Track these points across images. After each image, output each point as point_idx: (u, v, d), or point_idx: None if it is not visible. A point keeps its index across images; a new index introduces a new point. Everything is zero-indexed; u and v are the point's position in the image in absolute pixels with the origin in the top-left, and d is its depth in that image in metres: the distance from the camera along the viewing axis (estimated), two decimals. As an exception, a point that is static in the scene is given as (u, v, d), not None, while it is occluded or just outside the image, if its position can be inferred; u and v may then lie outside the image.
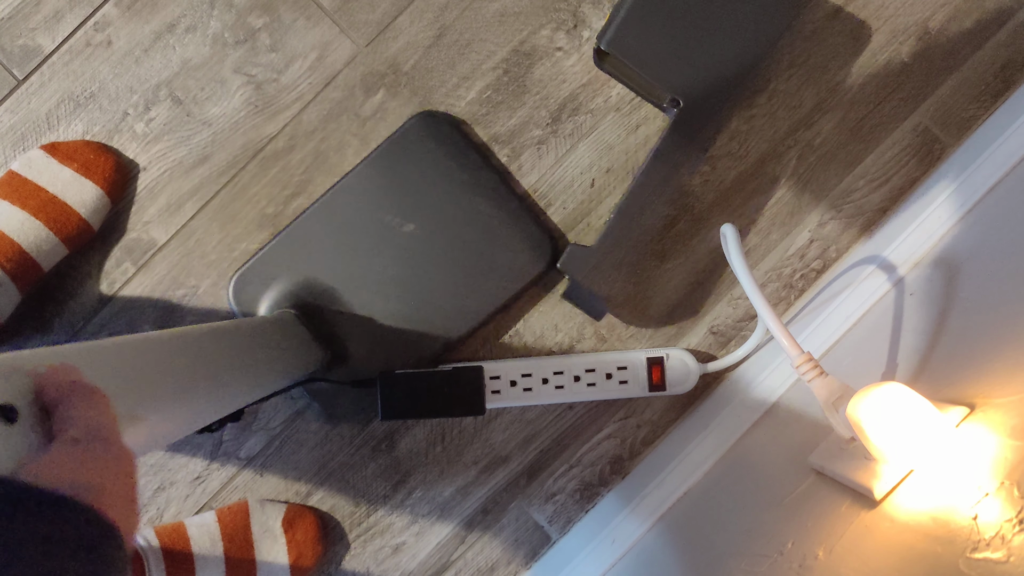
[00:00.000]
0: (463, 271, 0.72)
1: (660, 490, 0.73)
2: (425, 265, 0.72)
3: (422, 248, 0.72)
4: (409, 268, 0.72)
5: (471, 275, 0.72)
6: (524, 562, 0.77)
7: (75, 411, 0.32)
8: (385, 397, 0.71)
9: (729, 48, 0.68)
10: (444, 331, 0.72)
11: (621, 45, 0.68)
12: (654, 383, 0.72)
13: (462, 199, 0.72)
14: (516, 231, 0.72)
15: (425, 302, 0.72)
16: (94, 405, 0.33)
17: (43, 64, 0.74)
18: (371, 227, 0.72)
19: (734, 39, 0.67)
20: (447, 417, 0.74)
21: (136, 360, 0.43)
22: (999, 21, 0.75)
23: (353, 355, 0.71)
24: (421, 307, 0.72)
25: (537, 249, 0.72)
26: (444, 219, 0.72)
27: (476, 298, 0.72)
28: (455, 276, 0.72)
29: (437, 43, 0.75)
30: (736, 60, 0.68)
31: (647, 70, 0.68)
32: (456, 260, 0.72)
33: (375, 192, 0.72)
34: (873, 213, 0.76)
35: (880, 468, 0.49)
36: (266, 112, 0.75)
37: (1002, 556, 0.35)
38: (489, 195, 0.72)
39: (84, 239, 0.72)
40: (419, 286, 0.72)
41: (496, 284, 0.72)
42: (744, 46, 0.68)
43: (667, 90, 0.68)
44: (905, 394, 0.48)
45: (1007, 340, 0.51)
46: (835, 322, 0.73)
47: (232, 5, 0.74)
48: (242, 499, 0.75)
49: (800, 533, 0.51)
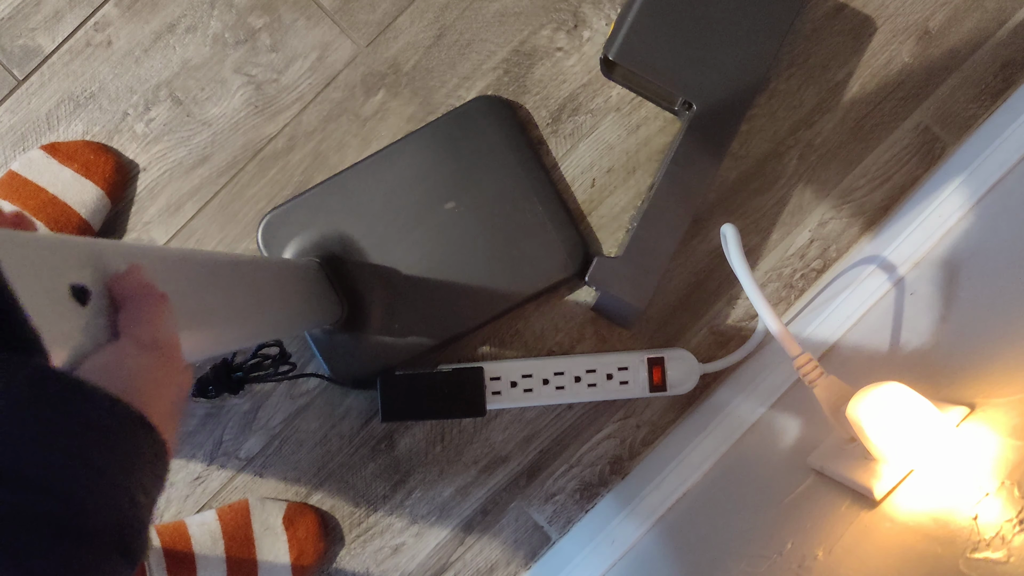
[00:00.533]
0: (492, 259, 0.71)
1: (660, 490, 0.73)
2: (457, 245, 0.71)
3: (458, 227, 0.71)
4: (440, 244, 0.71)
5: (499, 264, 0.71)
6: (524, 562, 0.77)
7: (143, 313, 0.32)
8: (386, 399, 0.71)
9: (737, 47, 0.67)
10: (460, 315, 0.72)
11: (630, 54, 0.68)
12: (655, 383, 0.72)
13: (507, 187, 0.71)
14: (553, 231, 0.71)
15: (449, 281, 0.71)
16: (161, 312, 0.33)
17: (43, 64, 0.74)
18: (413, 196, 0.71)
19: (740, 38, 0.67)
20: (448, 418, 0.74)
21: (195, 272, 0.43)
22: (999, 21, 0.75)
23: (368, 317, 0.70)
24: (443, 285, 0.71)
25: (570, 253, 0.72)
26: (485, 203, 0.71)
27: (499, 289, 0.71)
28: (483, 262, 0.71)
29: (437, 43, 0.75)
30: (745, 58, 0.68)
31: (659, 76, 0.68)
32: (488, 246, 0.71)
33: (424, 162, 0.71)
34: (873, 213, 0.76)
35: (880, 468, 0.49)
36: (266, 112, 0.75)
37: (1002, 556, 0.35)
38: (534, 189, 0.71)
39: (84, 239, 0.72)
40: (446, 264, 0.71)
41: (521, 279, 0.71)
42: (752, 44, 0.68)
43: (681, 94, 0.68)
44: (905, 394, 0.48)
45: (1007, 340, 0.51)
46: (835, 322, 0.73)
47: (232, 5, 0.74)
48: (242, 498, 0.75)
49: (800, 533, 0.51)
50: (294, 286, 0.63)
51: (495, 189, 0.71)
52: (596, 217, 0.75)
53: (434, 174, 0.71)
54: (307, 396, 0.75)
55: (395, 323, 0.71)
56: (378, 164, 0.71)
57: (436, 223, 0.71)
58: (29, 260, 0.28)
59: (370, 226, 0.71)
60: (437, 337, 0.72)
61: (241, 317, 0.49)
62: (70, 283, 0.29)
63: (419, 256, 0.71)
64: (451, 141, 0.71)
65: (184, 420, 0.75)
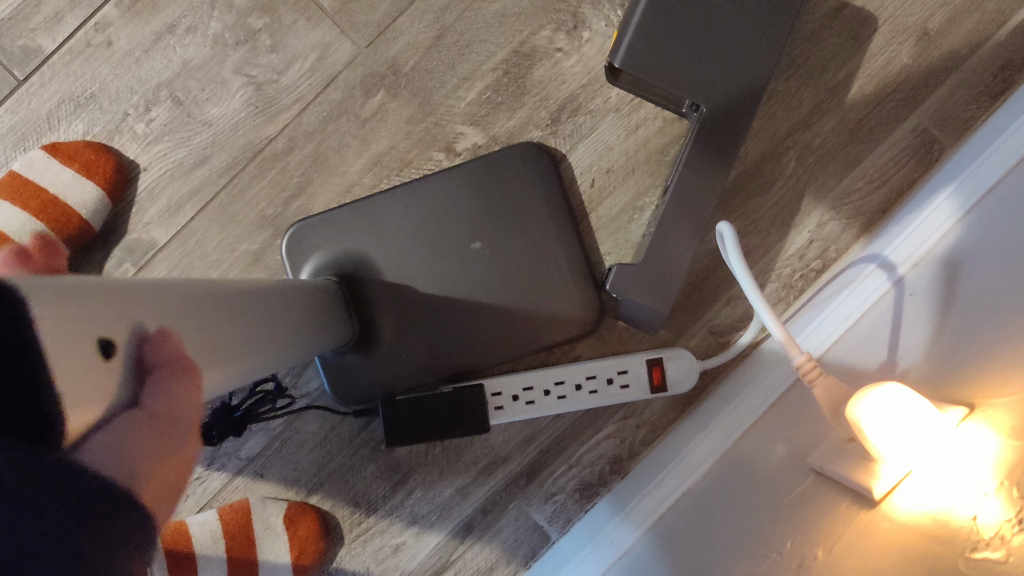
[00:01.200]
0: (509, 305, 0.72)
1: (659, 490, 0.73)
2: (476, 285, 0.72)
3: (480, 268, 0.71)
4: (460, 282, 0.71)
5: (515, 312, 0.72)
6: (524, 562, 0.77)
7: (172, 388, 0.30)
8: (389, 424, 0.71)
9: (741, 47, 0.67)
10: (469, 354, 0.72)
11: (636, 60, 0.68)
12: (655, 385, 0.72)
13: (535, 237, 0.71)
14: (573, 288, 0.72)
15: (462, 319, 0.72)
16: (191, 390, 0.31)
17: (43, 64, 0.74)
18: (441, 229, 0.71)
19: (744, 37, 0.67)
20: (453, 438, 0.75)
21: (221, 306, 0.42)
22: (999, 21, 0.75)
23: (378, 342, 0.71)
24: (456, 322, 0.72)
25: (586, 313, 0.72)
26: (511, 249, 0.71)
27: (510, 336, 0.72)
28: (499, 307, 0.72)
29: (437, 44, 0.75)
30: (751, 57, 0.67)
31: (666, 80, 0.68)
32: (506, 292, 0.72)
33: (458, 199, 0.72)
34: (872, 213, 0.76)
35: (879, 468, 0.49)
36: (266, 113, 0.75)
37: (1002, 556, 0.35)
38: (561, 244, 0.72)
39: (85, 240, 0.72)
40: (462, 302, 0.72)
41: (535, 330, 0.72)
42: (756, 41, 0.67)
43: (688, 96, 0.68)
44: (905, 394, 0.48)
45: (1007, 340, 0.51)
46: (834, 322, 0.73)
47: (232, 6, 0.74)
48: (243, 498, 0.75)
49: (799, 533, 0.51)
50: (313, 310, 0.63)
51: (523, 237, 0.71)
52: (595, 217, 0.75)
53: (465, 212, 0.72)
54: (307, 398, 0.75)
55: (403, 352, 0.71)
56: (412, 192, 0.72)
57: (459, 260, 0.71)
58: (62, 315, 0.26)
59: (394, 252, 0.71)
60: (441, 372, 0.72)
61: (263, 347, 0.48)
62: (99, 336, 0.28)
63: (437, 290, 0.71)
64: (487, 182, 0.72)
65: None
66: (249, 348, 0.46)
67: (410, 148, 0.75)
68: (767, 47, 0.67)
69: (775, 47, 0.67)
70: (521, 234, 0.72)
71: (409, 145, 0.75)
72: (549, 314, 0.72)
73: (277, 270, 0.75)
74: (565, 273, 0.72)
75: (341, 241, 0.72)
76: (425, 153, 0.75)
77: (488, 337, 0.72)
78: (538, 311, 0.72)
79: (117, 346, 0.29)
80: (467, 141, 0.75)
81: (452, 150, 0.75)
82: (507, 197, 0.72)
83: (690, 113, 0.71)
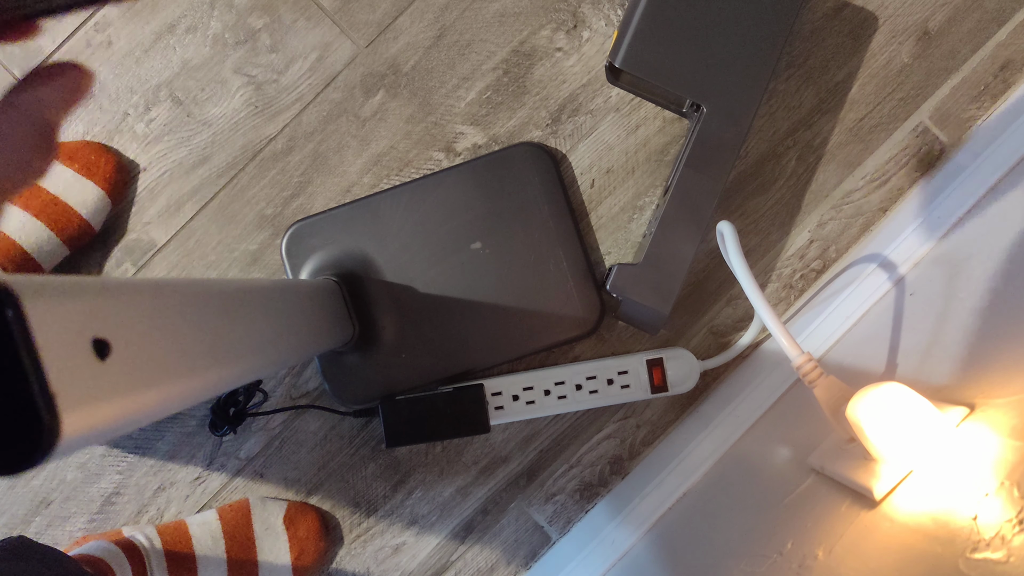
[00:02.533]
0: (509, 305, 0.72)
1: (659, 490, 0.73)
2: (477, 285, 0.71)
3: (480, 269, 0.71)
4: (460, 282, 0.71)
5: (515, 312, 0.72)
6: (524, 562, 0.77)
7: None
8: (389, 425, 0.71)
9: (742, 46, 0.67)
10: (468, 354, 0.72)
11: (635, 61, 0.68)
12: (656, 385, 0.72)
13: (536, 238, 0.71)
14: (574, 287, 0.72)
15: (463, 320, 0.71)
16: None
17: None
18: (442, 229, 0.71)
19: (745, 36, 0.67)
20: (453, 438, 0.75)
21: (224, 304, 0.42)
22: (999, 21, 0.75)
23: (378, 342, 0.71)
24: (456, 322, 0.72)
25: (587, 313, 0.72)
26: (511, 248, 0.71)
27: (510, 336, 0.72)
28: (500, 307, 0.72)
29: (437, 44, 0.75)
30: (751, 56, 0.67)
31: (666, 81, 0.68)
32: (507, 292, 0.72)
33: (459, 198, 0.71)
34: (873, 213, 0.76)
35: (880, 468, 0.49)
36: (266, 113, 0.75)
37: (1002, 556, 0.35)
38: (562, 244, 0.72)
39: (85, 239, 0.72)
40: (463, 302, 0.72)
41: (535, 331, 0.72)
42: (757, 40, 0.67)
43: (689, 96, 0.68)
44: (905, 394, 0.48)
45: (1007, 340, 0.51)
46: (835, 322, 0.73)
47: (232, 6, 0.74)
48: (243, 498, 0.75)
49: (800, 533, 0.51)
50: (312, 310, 0.63)
51: (523, 237, 0.71)
52: (595, 217, 0.75)
53: (466, 212, 0.71)
54: (307, 398, 0.75)
55: (403, 352, 0.71)
56: (412, 192, 0.72)
57: (460, 260, 0.71)
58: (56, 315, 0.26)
59: (394, 252, 0.71)
60: (440, 372, 0.72)
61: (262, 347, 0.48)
62: (93, 336, 0.28)
63: (437, 290, 0.71)
64: (489, 182, 0.72)
65: (184, 421, 0.75)
66: (248, 348, 0.46)
67: (410, 148, 0.75)
68: (767, 47, 0.67)
69: (775, 47, 0.67)
70: (521, 234, 0.71)
71: (409, 145, 0.75)
72: (549, 314, 0.72)
73: (277, 270, 0.75)
74: (565, 273, 0.72)
75: (341, 241, 0.72)
76: (425, 153, 0.75)
77: (488, 337, 0.72)
78: (538, 311, 0.72)
79: (112, 346, 0.29)
80: (467, 141, 0.75)
81: (452, 150, 0.75)
82: (507, 197, 0.72)
83: (690, 113, 0.71)
